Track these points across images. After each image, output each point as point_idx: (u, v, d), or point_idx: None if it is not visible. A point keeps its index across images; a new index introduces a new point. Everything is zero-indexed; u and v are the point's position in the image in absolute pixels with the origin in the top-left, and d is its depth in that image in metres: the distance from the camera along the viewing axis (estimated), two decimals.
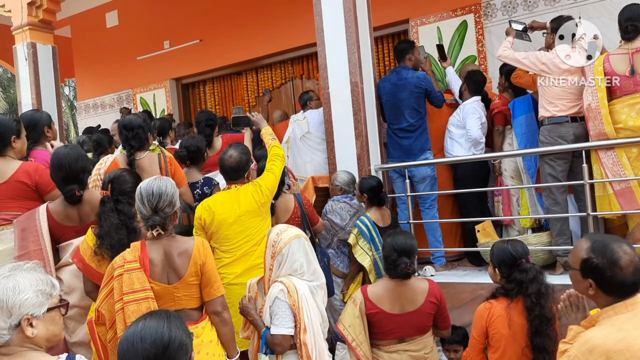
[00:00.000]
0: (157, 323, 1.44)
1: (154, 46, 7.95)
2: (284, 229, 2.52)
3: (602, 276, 1.72)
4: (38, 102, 5.98)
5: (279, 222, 3.43)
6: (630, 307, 1.69)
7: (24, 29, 5.97)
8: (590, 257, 1.74)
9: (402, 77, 4.45)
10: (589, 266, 1.75)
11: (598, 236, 1.83)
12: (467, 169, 4.50)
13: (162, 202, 2.32)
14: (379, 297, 2.73)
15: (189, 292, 2.35)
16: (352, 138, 4.17)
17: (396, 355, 2.70)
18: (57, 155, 2.78)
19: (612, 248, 1.72)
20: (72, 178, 2.74)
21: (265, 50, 7.13)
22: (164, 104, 8.10)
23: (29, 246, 2.71)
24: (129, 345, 1.41)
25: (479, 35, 5.60)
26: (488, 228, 4.17)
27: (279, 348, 2.36)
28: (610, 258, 1.70)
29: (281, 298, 2.35)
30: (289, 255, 2.43)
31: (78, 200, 2.77)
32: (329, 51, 4.26)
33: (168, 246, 2.35)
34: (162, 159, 3.49)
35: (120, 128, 3.49)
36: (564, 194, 3.88)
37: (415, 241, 2.80)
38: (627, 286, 1.70)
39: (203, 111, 5.09)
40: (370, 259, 3.64)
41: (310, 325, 2.36)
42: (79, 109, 9.28)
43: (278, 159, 3.31)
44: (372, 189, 3.77)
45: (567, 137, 3.82)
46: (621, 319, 1.68)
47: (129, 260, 2.31)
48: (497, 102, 4.51)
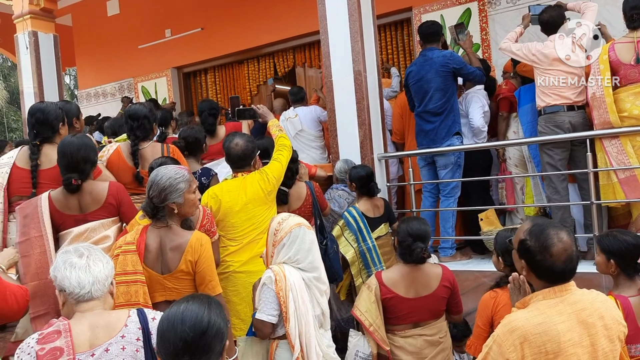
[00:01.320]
0: (199, 308, 1.48)
1: (155, 34, 7.92)
2: (285, 217, 2.51)
3: (532, 259, 1.73)
4: (40, 90, 5.98)
5: (291, 209, 3.45)
6: (559, 293, 1.70)
7: (25, 18, 5.96)
8: (526, 238, 1.74)
9: (428, 57, 4.28)
10: (523, 247, 1.76)
11: (540, 220, 1.84)
12: (469, 158, 4.49)
13: (152, 190, 2.34)
14: (393, 282, 2.75)
15: (180, 285, 2.33)
16: (355, 127, 4.16)
17: (411, 340, 2.72)
18: (62, 143, 2.81)
19: (548, 233, 1.71)
20: (73, 167, 2.74)
21: (267, 38, 7.11)
22: (165, 93, 8.08)
23: (30, 232, 2.71)
24: (170, 325, 1.46)
25: (482, 24, 5.58)
26: (491, 216, 4.18)
27: (259, 333, 2.37)
28: (542, 243, 1.70)
29: (268, 285, 2.34)
30: (288, 244, 2.42)
31: (75, 189, 2.75)
32: (332, 40, 4.24)
33: (164, 237, 2.35)
34: (165, 149, 3.49)
35: (126, 117, 3.49)
36: (563, 183, 3.87)
37: (429, 227, 2.81)
38: (556, 273, 1.70)
39: (205, 100, 5.08)
40: (355, 251, 3.63)
41: (294, 315, 2.33)
42: (80, 98, 9.27)
43: (285, 149, 3.31)
44: (360, 179, 3.72)
45: (563, 126, 3.81)
46: (547, 303, 1.69)
47: (127, 242, 2.35)
48: (503, 88, 4.49)
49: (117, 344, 1.71)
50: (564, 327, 1.64)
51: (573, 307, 1.68)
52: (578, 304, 1.69)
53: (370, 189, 3.75)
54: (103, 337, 1.71)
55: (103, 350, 1.69)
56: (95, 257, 1.83)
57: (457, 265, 4.07)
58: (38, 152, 2.99)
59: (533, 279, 1.77)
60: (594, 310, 1.69)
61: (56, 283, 1.79)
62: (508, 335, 1.65)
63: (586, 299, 1.72)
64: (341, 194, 3.97)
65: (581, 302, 1.70)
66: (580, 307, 1.68)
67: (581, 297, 1.72)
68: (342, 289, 3.74)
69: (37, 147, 3.00)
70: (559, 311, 1.66)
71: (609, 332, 1.70)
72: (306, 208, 3.53)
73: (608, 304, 1.76)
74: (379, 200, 3.87)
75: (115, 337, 1.72)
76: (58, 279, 1.78)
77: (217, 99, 7.84)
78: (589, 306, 1.70)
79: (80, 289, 1.74)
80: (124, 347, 1.72)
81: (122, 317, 1.78)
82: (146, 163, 3.29)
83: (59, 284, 1.78)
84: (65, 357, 1.65)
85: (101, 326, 1.73)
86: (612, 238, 2.52)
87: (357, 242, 3.61)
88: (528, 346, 1.61)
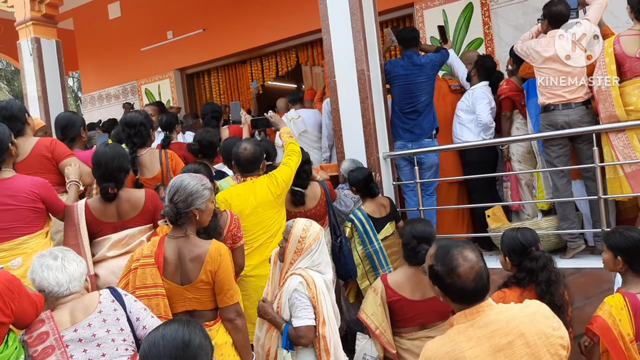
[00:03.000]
0: (177, 326, 1.50)
1: (157, 37, 7.92)
2: (308, 224, 2.54)
3: (443, 283, 1.70)
4: (44, 95, 5.99)
5: (307, 209, 3.49)
6: (469, 317, 1.66)
7: (27, 24, 5.96)
8: (433, 264, 1.72)
9: (416, 62, 4.47)
10: (432, 273, 1.73)
11: (444, 242, 1.78)
12: (476, 154, 4.48)
13: (177, 195, 2.32)
14: (399, 285, 2.76)
15: (199, 295, 2.33)
16: (360, 126, 4.15)
17: (419, 342, 2.72)
18: (96, 154, 2.91)
19: (452, 255, 1.68)
20: (109, 176, 2.82)
21: (269, 38, 7.09)
22: (168, 95, 8.09)
23: (69, 242, 2.80)
24: (151, 345, 1.46)
25: (485, 18, 5.54)
26: (498, 213, 4.17)
27: (304, 340, 2.36)
28: (448, 265, 1.67)
29: (301, 290, 2.37)
30: (317, 250, 2.48)
31: (112, 198, 2.84)
32: (334, 39, 4.22)
33: (182, 247, 2.33)
34: (163, 155, 3.52)
35: (123, 125, 3.54)
36: (562, 179, 3.85)
37: (433, 228, 2.82)
38: (468, 293, 1.67)
39: (208, 103, 5.11)
40: (359, 254, 3.63)
41: (327, 318, 2.39)
42: (84, 102, 9.30)
43: (294, 154, 3.36)
44: (358, 182, 3.73)
45: (557, 125, 3.79)
46: (457, 329, 1.66)
47: (145, 255, 2.33)
48: (504, 88, 4.46)
49: (97, 319, 1.96)
50: (472, 353, 1.59)
51: (483, 330, 1.63)
52: (489, 325, 1.63)
53: (371, 190, 3.73)
54: (82, 316, 1.96)
55: (85, 325, 1.94)
56: (70, 258, 2.06)
57: None
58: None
59: (450, 302, 1.73)
60: (510, 329, 1.62)
61: (35, 285, 2.00)
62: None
63: (502, 319, 1.65)
64: (347, 193, 3.97)
65: (493, 323, 1.64)
66: (491, 329, 1.63)
67: (495, 317, 1.66)
68: (350, 291, 3.75)
69: None
70: (467, 337, 1.63)
71: (533, 350, 1.60)
72: (321, 207, 3.58)
73: (535, 316, 1.67)
74: (384, 199, 3.87)
75: (93, 314, 1.96)
76: (36, 281, 1.99)
77: (221, 100, 7.85)
78: (503, 326, 1.63)
79: (58, 287, 1.98)
80: (104, 319, 1.96)
81: (95, 297, 2.03)
82: (145, 170, 3.34)
83: (37, 285, 1.99)
84: (52, 338, 1.89)
85: (79, 309, 1.98)
86: (619, 235, 2.50)
87: (364, 245, 3.61)
88: None
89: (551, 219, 4.05)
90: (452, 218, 4.74)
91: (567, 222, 3.82)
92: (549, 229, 3.97)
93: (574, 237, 3.84)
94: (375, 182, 3.81)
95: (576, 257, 3.81)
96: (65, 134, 3.54)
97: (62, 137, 3.53)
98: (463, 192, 4.80)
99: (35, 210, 2.78)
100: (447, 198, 4.74)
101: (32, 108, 6.00)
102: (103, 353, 1.92)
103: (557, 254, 3.84)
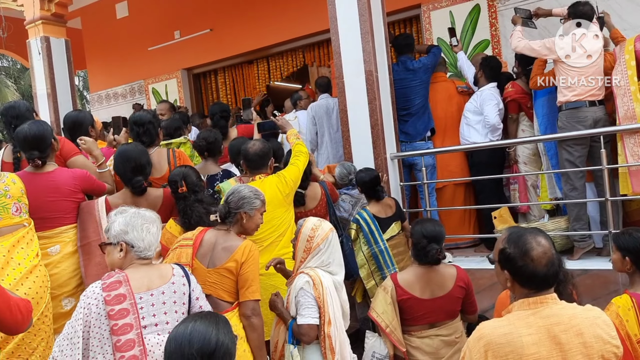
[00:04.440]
0: (207, 328, 1.49)
1: (164, 36, 7.96)
2: (318, 223, 2.59)
3: (514, 266, 1.69)
4: (53, 94, 6.05)
5: (307, 209, 3.53)
6: (532, 305, 1.66)
7: (37, 23, 6.01)
8: (505, 247, 1.72)
9: (409, 67, 4.69)
10: (504, 256, 1.72)
11: (517, 228, 1.80)
12: (484, 155, 4.50)
13: (231, 197, 2.58)
14: (409, 284, 2.78)
15: (220, 282, 2.44)
16: (368, 127, 4.17)
17: (428, 340, 2.76)
18: (124, 149, 3.08)
19: (526, 238, 1.69)
20: (139, 170, 3.00)
21: (276, 38, 7.12)
22: (175, 94, 8.12)
23: (90, 236, 2.96)
24: (177, 346, 1.46)
25: (492, 19, 5.55)
26: (505, 214, 4.18)
27: (306, 338, 2.42)
28: (522, 248, 1.67)
29: (306, 289, 2.42)
30: (325, 249, 2.52)
31: (144, 191, 3.01)
32: (342, 40, 4.25)
33: (220, 237, 2.54)
34: (171, 154, 3.55)
35: (131, 124, 3.57)
36: (581, 180, 3.87)
37: (443, 227, 2.84)
38: (538, 278, 1.67)
39: (217, 103, 5.15)
40: (365, 254, 3.65)
41: (334, 317, 2.42)
42: (92, 101, 9.34)
43: (302, 155, 3.41)
44: (364, 184, 3.76)
45: (585, 122, 3.81)
46: (517, 315, 1.66)
47: (186, 238, 2.59)
48: (510, 91, 4.48)
49: (170, 288, 2.12)
50: (530, 339, 1.60)
51: (545, 321, 1.63)
52: (552, 317, 1.64)
53: (376, 193, 3.74)
54: (158, 283, 2.11)
55: (159, 292, 2.09)
56: (158, 227, 2.24)
57: (472, 263, 4.09)
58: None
59: (517, 288, 1.72)
60: (570, 326, 1.63)
61: (123, 237, 2.12)
62: (475, 343, 1.65)
63: (564, 314, 1.66)
64: (344, 198, 3.99)
65: (556, 316, 1.65)
66: (553, 322, 1.63)
67: (559, 311, 1.66)
68: (357, 291, 3.78)
69: None
70: (527, 323, 1.63)
71: (589, 351, 1.61)
72: (322, 207, 3.59)
73: (596, 321, 1.67)
74: (390, 199, 3.89)
75: (167, 284, 2.12)
76: (129, 235, 2.12)
77: (228, 100, 7.88)
78: (565, 321, 1.64)
79: (147, 251, 2.15)
80: (175, 291, 2.13)
81: (169, 270, 2.19)
82: (154, 170, 3.34)
83: (129, 239, 2.12)
84: (128, 301, 2.01)
85: (155, 275, 2.13)
86: (628, 236, 2.52)
87: (369, 245, 3.64)
88: (492, 355, 1.60)
89: (558, 221, 4.07)
90: (458, 219, 4.76)
91: (579, 223, 3.84)
92: (556, 231, 3.98)
93: (583, 237, 3.86)
94: (382, 185, 3.82)
95: (583, 259, 3.83)
96: (74, 134, 3.58)
97: (71, 137, 3.55)
98: (470, 193, 4.82)
99: (74, 201, 3.01)
100: (453, 199, 4.76)
101: (41, 106, 6.05)
102: (167, 321, 2.08)
103: (565, 256, 3.85)
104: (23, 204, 2.81)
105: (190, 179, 2.99)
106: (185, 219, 2.93)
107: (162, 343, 1.99)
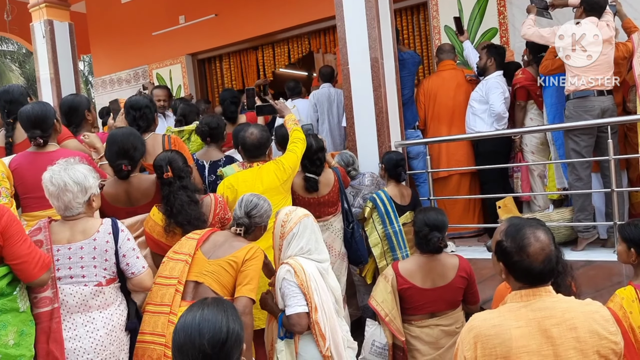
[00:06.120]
0: (215, 316, 1.42)
1: (169, 21, 7.91)
2: (292, 209, 2.59)
3: (510, 260, 1.65)
4: (56, 78, 6.03)
5: (320, 195, 3.49)
6: (524, 298, 1.63)
7: (41, 7, 5.98)
8: (502, 239, 1.68)
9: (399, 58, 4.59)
10: (500, 249, 1.69)
11: (517, 219, 1.74)
12: (489, 145, 4.47)
13: (255, 211, 2.57)
14: (410, 273, 2.77)
15: (216, 272, 2.39)
16: (372, 114, 4.14)
17: (428, 330, 2.75)
18: (112, 133, 3.01)
19: (524, 233, 1.64)
20: (123, 153, 2.86)
21: (281, 24, 7.06)
22: (180, 80, 8.09)
23: None
24: (187, 337, 1.38)
25: (500, 7, 5.48)
26: (509, 204, 4.15)
27: (297, 327, 2.38)
28: (519, 243, 1.63)
29: (288, 279, 2.39)
30: (298, 235, 2.49)
31: (126, 175, 2.87)
32: (348, 26, 4.20)
33: (229, 237, 2.54)
34: (166, 140, 3.50)
35: (128, 108, 3.51)
36: (587, 170, 3.83)
37: (445, 216, 2.81)
38: (534, 274, 1.63)
39: (227, 89, 5.16)
40: (379, 234, 3.67)
41: (320, 303, 2.38)
42: (96, 85, 9.32)
43: (300, 142, 3.36)
44: (390, 163, 3.78)
45: (593, 112, 3.76)
46: (509, 307, 1.64)
47: (197, 232, 2.58)
48: (520, 77, 4.43)
49: (90, 244, 2.24)
50: (519, 332, 1.57)
51: (536, 314, 1.60)
52: (544, 311, 1.60)
53: (397, 174, 3.78)
54: (79, 238, 2.25)
55: (78, 247, 2.23)
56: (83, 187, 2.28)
57: (476, 253, 4.07)
58: (12, 130, 3.21)
59: (512, 281, 1.69)
60: (564, 320, 1.59)
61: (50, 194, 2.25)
62: (466, 334, 1.64)
63: (558, 307, 1.61)
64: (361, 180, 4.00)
65: (549, 309, 1.60)
66: (545, 315, 1.60)
67: (552, 305, 1.62)
68: (368, 272, 3.78)
69: (12, 125, 3.23)
70: (517, 316, 1.60)
71: (582, 346, 1.57)
72: (334, 194, 3.59)
73: (593, 316, 1.61)
74: (407, 189, 3.90)
75: (88, 239, 2.25)
76: (51, 191, 2.24)
77: (232, 86, 7.84)
78: (558, 315, 1.59)
79: (66, 211, 2.27)
80: (95, 247, 2.24)
81: (96, 225, 2.30)
82: (148, 156, 3.22)
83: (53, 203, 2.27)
84: (44, 247, 2.19)
85: (79, 231, 2.26)
86: (634, 227, 2.50)
87: (384, 225, 3.65)
88: (481, 346, 1.58)
89: (562, 211, 4.04)
90: (462, 208, 4.74)
91: (584, 214, 3.81)
92: (560, 221, 3.95)
93: (587, 228, 3.83)
94: (405, 169, 3.86)
95: (587, 250, 3.81)
96: (70, 119, 3.50)
97: (67, 123, 3.49)
98: (475, 183, 4.79)
99: None
100: (458, 188, 4.73)
101: (44, 91, 6.04)
102: (83, 274, 2.22)
103: (568, 247, 3.83)
104: (3, 187, 2.74)
105: (176, 164, 2.84)
106: (168, 206, 2.76)
107: (75, 294, 2.19)
